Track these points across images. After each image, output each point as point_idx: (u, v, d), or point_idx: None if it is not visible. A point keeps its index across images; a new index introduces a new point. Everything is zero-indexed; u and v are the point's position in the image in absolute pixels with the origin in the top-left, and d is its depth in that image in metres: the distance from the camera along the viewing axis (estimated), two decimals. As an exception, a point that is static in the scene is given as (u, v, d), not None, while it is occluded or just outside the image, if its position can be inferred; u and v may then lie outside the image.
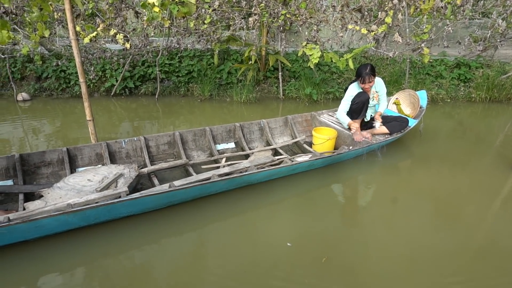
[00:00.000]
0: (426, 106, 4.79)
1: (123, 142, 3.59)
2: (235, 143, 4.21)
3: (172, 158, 3.83)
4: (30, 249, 2.45)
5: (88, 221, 2.62)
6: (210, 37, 6.28)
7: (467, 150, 4.56)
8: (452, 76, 7.09)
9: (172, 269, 2.38)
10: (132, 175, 3.07)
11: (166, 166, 3.41)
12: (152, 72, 6.65)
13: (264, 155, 3.88)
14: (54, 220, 2.37)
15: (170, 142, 3.84)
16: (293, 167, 3.41)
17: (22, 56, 6.35)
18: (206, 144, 4.03)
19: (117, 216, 2.76)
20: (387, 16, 5.18)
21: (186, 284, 2.25)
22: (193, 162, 3.67)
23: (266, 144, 4.32)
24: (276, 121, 4.47)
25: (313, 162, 3.53)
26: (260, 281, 2.27)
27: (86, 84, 3.50)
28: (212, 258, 2.50)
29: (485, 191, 3.47)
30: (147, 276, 2.30)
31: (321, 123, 4.53)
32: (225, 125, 4.16)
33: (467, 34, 7.13)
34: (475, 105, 6.62)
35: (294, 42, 7.70)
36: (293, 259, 2.47)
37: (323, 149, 3.97)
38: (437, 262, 2.47)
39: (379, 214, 3.08)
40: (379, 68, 7.33)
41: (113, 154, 3.54)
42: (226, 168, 3.28)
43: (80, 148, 3.40)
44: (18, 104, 5.99)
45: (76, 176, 3.00)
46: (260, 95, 6.83)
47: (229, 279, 2.28)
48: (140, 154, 3.66)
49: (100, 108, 5.93)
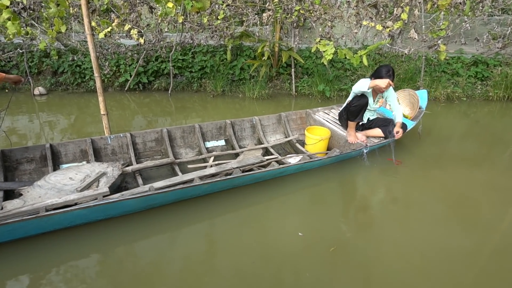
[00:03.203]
0: (426, 106, 4.60)
1: (109, 138, 3.50)
2: (225, 140, 4.08)
3: (160, 155, 3.72)
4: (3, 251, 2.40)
5: (63, 224, 2.54)
6: (223, 32, 6.28)
7: (483, 150, 4.46)
8: (469, 74, 6.95)
9: (171, 267, 2.40)
10: (115, 174, 2.98)
11: (151, 165, 3.29)
12: (166, 67, 6.70)
13: (254, 154, 3.73)
14: (27, 224, 2.29)
15: (157, 139, 3.73)
16: (280, 170, 3.25)
17: (39, 51, 6.46)
18: (195, 142, 3.91)
19: (93, 219, 2.67)
20: (403, 12, 5.10)
21: (199, 277, 2.28)
22: (180, 161, 3.56)
23: (258, 142, 4.19)
24: (269, 118, 4.34)
25: (302, 165, 3.38)
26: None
27: (101, 78, 3.54)
28: (220, 253, 2.52)
29: (501, 192, 3.40)
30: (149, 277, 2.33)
31: (315, 121, 4.36)
32: (215, 121, 4.04)
33: (485, 31, 6.94)
34: (492, 104, 6.47)
35: (308, 39, 7.64)
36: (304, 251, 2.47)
37: (315, 150, 3.86)
38: (450, 261, 2.44)
39: (391, 212, 3.05)
40: (393, 65, 7.22)
41: (98, 151, 3.45)
42: (213, 169, 3.16)
43: (64, 144, 3.31)
44: (34, 98, 6.11)
45: (58, 174, 2.91)
46: (272, 91, 6.81)
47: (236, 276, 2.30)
48: (126, 151, 3.56)
49: (114, 102, 6.01)
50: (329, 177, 3.65)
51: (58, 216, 2.38)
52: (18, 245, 2.45)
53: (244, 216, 2.95)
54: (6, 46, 6.49)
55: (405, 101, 4.69)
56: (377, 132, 3.91)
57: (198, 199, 3.08)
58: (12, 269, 2.28)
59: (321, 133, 4.04)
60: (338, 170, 3.77)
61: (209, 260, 2.44)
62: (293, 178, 3.53)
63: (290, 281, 2.26)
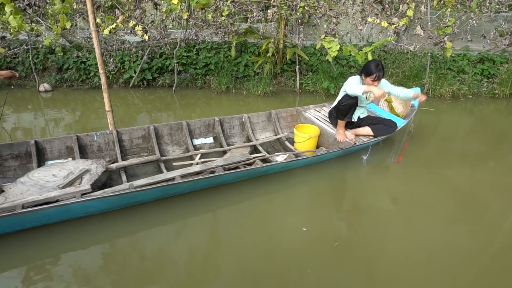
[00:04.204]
0: (418, 105, 4.44)
1: (95, 135, 3.49)
2: (213, 138, 4.05)
3: (146, 152, 3.70)
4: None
5: (41, 221, 2.54)
6: (227, 29, 6.27)
7: (489, 148, 4.43)
8: (475, 71, 6.88)
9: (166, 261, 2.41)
10: (99, 171, 2.97)
11: (136, 162, 3.27)
12: (170, 64, 6.70)
13: (242, 152, 3.68)
14: (3, 221, 2.30)
15: (144, 136, 3.71)
16: (265, 169, 3.21)
17: (44, 47, 6.49)
18: (183, 139, 3.89)
19: (73, 217, 2.67)
20: (408, 9, 5.05)
21: (204, 272, 2.29)
22: (166, 158, 3.53)
23: (247, 140, 4.15)
24: (258, 115, 4.30)
25: (287, 164, 3.35)
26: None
27: (106, 75, 3.55)
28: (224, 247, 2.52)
29: (507, 190, 3.38)
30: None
31: (306, 119, 4.32)
32: (204, 119, 4.02)
33: (492, 28, 6.89)
34: (499, 101, 6.42)
35: (312, 35, 7.60)
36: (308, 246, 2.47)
37: (304, 148, 3.83)
38: (454, 259, 2.43)
39: (395, 209, 3.04)
40: (398, 62, 7.17)
41: (84, 148, 3.44)
42: (198, 167, 3.13)
43: (50, 140, 3.30)
44: (40, 94, 6.14)
45: (41, 170, 2.90)
46: (277, 88, 6.79)
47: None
48: (112, 148, 3.54)
49: (118, 99, 6.03)
50: (330, 174, 3.66)
51: (35, 214, 2.37)
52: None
53: (228, 214, 2.93)
54: (11, 43, 6.52)
55: (397, 99, 4.60)
56: (367, 130, 3.86)
57: (181, 196, 3.05)
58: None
59: (310, 131, 4.00)
60: (339, 167, 3.77)
61: (192, 259, 2.43)
62: (294, 175, 3.53)
63: (294, 276, 2.26)
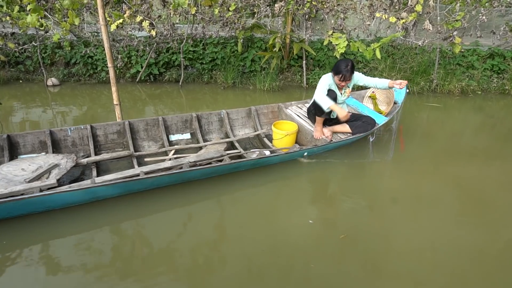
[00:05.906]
0: (402, 101, 4.26)
1: (69, 130, 3.47)
2: (191, 134, 4.02)
3: (121, 148, 3.69)
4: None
5: (1, 215, 2.54)
6: (234, 24, 6.25)
7: (498, 145, 4.39)
8: (485, 67, 6.79)
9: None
10: (68, 166, 2.96)
11: (107, 158, 3.26)
12: (177, 59, 6.71)
13: (217, 148, 3.64)
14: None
15: (119, 131, 3.69)
16: (234, 165, 3.18)
17: (52, 42, 6.53)
18: (159, 135, 3.87)
19: (34, 211, 2.66)
20: (417, 4, 4.99)
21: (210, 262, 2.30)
22: (139, 154, 3.51)
23: (225, 136, 4.13)
24: (238, 112, 4.27)
25: (257, 161, 3.30)
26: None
27: (114, 69, 3.56)
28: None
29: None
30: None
31: (287, 116, 4.29)
32: (181, 114, 4.00)
33: (502, 23, 6.77)
34: (509, 97, 6.34)
35: (319, 30, 7.54)
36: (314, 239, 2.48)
37: (281, 145, 3.82)
38: (460, 255, 2.43)
39: (402, 204, 3.04)
40: (406, 58, 7.09)
41: (57, 142, 3.42)
42: (169, 162, 3.11)
43: (23, 135, 3.29)
44: (48, 89, 6.19)
45: (11, 164, 2.91)
46: (283, 83, 6.78)
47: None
48: (86, 143, 3.53)
49: (125, 93, 6.05)
50: (336, 167, 3.67)
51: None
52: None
53: (199, 210, 2.93)
54: (20, 38, 6.57)
55: (382, 96, 4.52)
56: (344, 128, 3.82)
57: (147, 192, 3.03)
58: None
59: (288, 128, 3.99)
60: (345, 159, 3.78)
61: (160, 255, 2.43)
62: (296, 167, 3.52)
63: (299, 272, 2.27)
